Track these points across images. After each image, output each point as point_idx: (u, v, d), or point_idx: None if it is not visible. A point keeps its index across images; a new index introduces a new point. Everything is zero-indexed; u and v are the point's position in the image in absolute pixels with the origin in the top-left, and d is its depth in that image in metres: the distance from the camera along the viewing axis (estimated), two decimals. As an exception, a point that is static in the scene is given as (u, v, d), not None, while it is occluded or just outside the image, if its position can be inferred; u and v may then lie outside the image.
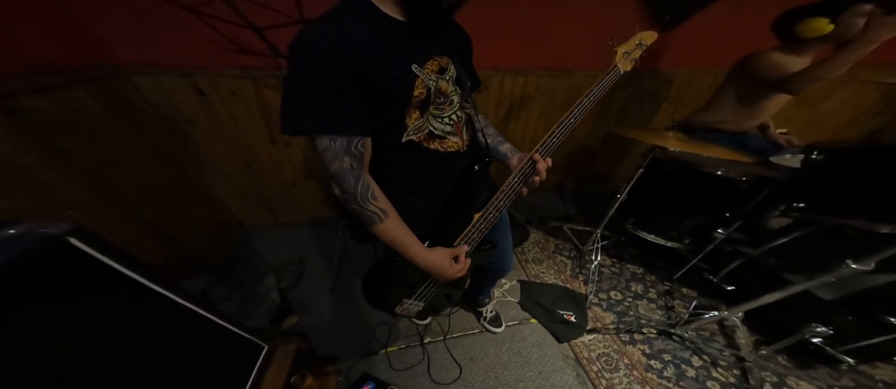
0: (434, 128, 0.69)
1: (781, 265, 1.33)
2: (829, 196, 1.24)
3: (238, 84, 1.41)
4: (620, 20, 1.65)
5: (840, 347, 1.21)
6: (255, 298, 1.39)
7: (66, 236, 0.45)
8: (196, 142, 1.51)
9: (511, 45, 1.63)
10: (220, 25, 1.22)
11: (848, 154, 1.23)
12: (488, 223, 0.79)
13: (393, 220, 0.68)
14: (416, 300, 0.95)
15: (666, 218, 1.60)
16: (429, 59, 0.63)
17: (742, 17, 1.73)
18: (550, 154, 0.75)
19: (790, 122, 2.35)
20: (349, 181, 0.61)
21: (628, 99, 2.03)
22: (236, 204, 1.80)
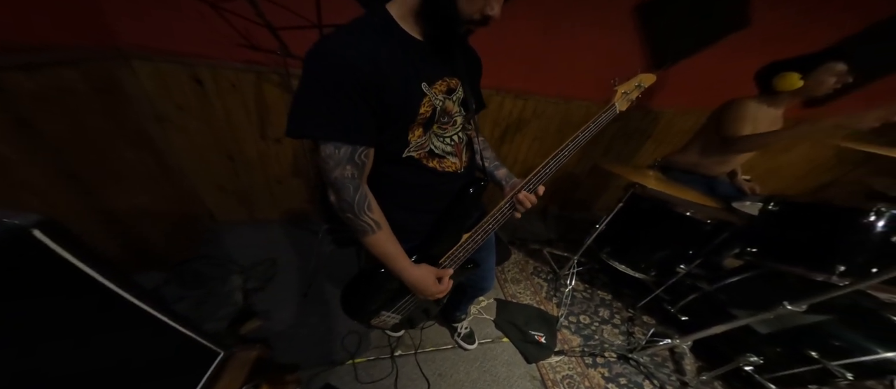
0: (435, 146, 0.70)
1: (729, 300, 1.45)
2: (778, 244, 1.35)
3: (239, 77, 1.38)
4: (622, 57, 1.72)
5: (767, 375, 1.34)
6: (215, 299, 1.31)
7: (30, 228, 0.42)
8: (181, 130, 1.45)
9: (516, 68, 1.67)
10: (234, 20, 1.21)
11: (799, 208, 1.34)
12: (476, 244, 0.81)
13: (385, 233, 0.68)
14: (394, 313, 0.95)
15: (637, 251, 1.69)
16: (439, 79, 0.65)
17: (731, 63, 1.83)
18: (543, 183, 0.78)
19: (753, 170, 2.54)
20: (348, 190, 0.62)
21: (616, 133, 2.12)
22: (211, 196, 1.73)
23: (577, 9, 1.53)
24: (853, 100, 2.10)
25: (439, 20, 0.58)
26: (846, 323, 1.24)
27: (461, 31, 0.59)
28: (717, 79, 1.88)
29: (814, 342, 1.26)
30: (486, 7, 0.55)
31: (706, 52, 1.80)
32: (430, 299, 0.80)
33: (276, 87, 1.44)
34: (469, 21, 0.56)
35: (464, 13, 0.55)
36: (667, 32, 1.69)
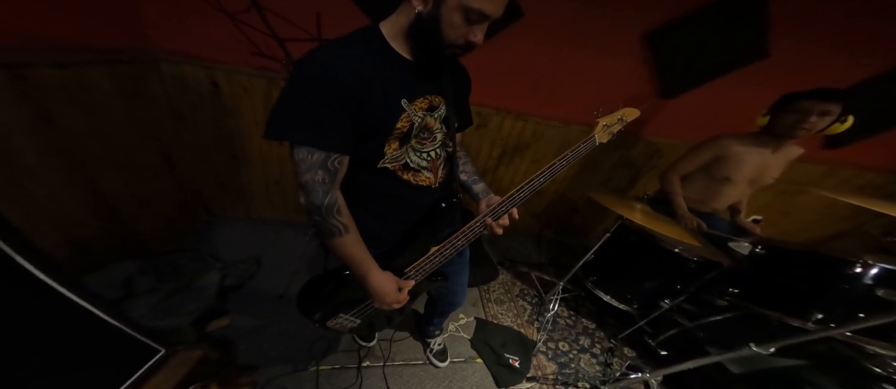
0: (411, 160, 0.72)
1: (707, 339, 1.43)
2: (762, 287, 1.33)
3: (252, 82, 1.47)
4: (629, 85, 1.69)
5: None
6: (188, 292, 1.29)
7: None
8: (191, 127, 1.54)
9: (518, 89, 1.67)
10: (249, 31, 1.30)
11: (786, 254, 1.31)
12: (443, 257, 0.82)
13: (352, 237, 0.70)
14: (353, 316, 0.96)
15: (623, 282, 1.68)
16: (420, 97, 0.67)
17: (740, 94, 1.76)
18: (516, 206, 0.77)
19: (765, 209, 2.42)
20: (317, 193, 0.64)
21: (617, 162, 2.07)
22: (210, 192, 1.81)
23: (586, 35, 1.51)
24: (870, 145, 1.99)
25: (425, 44, 0.61)
26: (821, 369, 1.21)
27: (446, 54, 0.61)
28: (720, 112, 1.82)
29: (786, 386, 1.24)
30: (469, 34, 0.58)
31: (731, 83, 1.73)
32: (386, 307, 0.82)
33: None
34: (453, 45, 0.59)
35: (448, 39, 0.58)
36: (675, 62, 1.64)
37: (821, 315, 1.10)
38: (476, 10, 0.53)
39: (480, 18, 0.55)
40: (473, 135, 1.82)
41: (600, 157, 2.05)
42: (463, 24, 0.56)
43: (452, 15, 0.55)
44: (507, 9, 0.58)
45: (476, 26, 0.57)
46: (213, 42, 1.34)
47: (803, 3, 1.48)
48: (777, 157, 1.43)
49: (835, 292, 1.14)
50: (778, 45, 1.59)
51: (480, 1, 0.52)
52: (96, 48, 1.11)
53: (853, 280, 1.11)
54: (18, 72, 0.89)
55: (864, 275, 1.09)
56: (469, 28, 0.56)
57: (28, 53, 0.91)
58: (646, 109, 0.88)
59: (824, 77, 1.67)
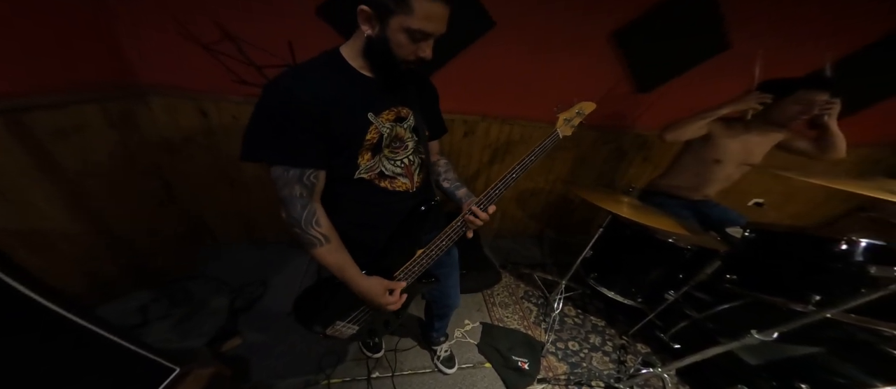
0: (385, 168, 0.77)
1: (717, 329, 1.40)
2: (757, 271, 1.31)
3: (240, 109, 1.53)
4: (602, 81, 1.74)
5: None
6: (201, 316, 1.36)
7: None
8: (188, 159, 1.60)
9: (501, 95, 1.73)
10: (228, 60, 1.36)
11: (776, 236, 1.30)
12: (430, 259, 0.86)
13: (333, 246, 0.74)
14: (350, 323, 0.98)
15: (623, 276, 1.66)
16: (386, 109, 0.72)
17: (716, 84, 1.79)
18: (494, 203, 0.81)
19: (768, 194, 2.41)
20: (296, 207, 0.68)
21: (608, 156, 2.11)
22: (214, 220, 1.87)
23: (559, 38, 1.57)
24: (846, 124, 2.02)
25: (380, 62, 0.66)
26: (841, 356, 1.18)
27: (402, 69, 0.66)
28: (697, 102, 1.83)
29: (806, 375, 1.21)
30: (417, 51, 0.63)
31: (691, 75, 1.77)
32: (381, 310, 0.84)
33: None
34: (406, 61, 0.64)
35: (399, 56, 0.63)
36: (644, 58, 1.69)
37: (819, 297, 1.08)
38: (416, 29, 0.58)
39: (423, 37, 0.60)
40: (462, 142, 1.88)
41: (591, 154, 2.09)
42: (409, 43, 0.61)
43: (397, 35, 0.60)
44: (478, 18, 0.64)
45: (421, 43, 0.62)
46: (197, 73, 1.38)
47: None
48: (762, 140, 1.46)
49: (830, 273, 1.13)
50: (737, 37, 1.64)
51: (419, 21, 0.57)
52: (84, 86, 1.16)
53: (844, 259, 1.09)
54: (15, 117, 0.94)
55: (853, 254, 1.08)
56: (415, 45, 0.62)
57: (19, 98, 0.96)
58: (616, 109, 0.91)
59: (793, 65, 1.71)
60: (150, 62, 1.33)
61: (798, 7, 1.58)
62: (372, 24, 0.61)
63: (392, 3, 0.57)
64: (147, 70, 1.35)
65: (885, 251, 1.03)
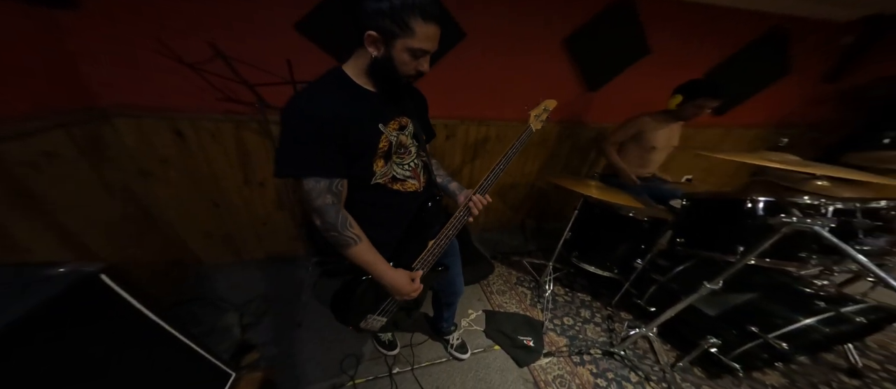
0: (397, 173, 0.86)
1: (679, 288, 1.61)
2: (696, 233, 1.55)
3: (219, 127, 1.50)
4: (561, 82, 2.02)
5: (729, 355, 1.44)
6: (214, 335, 1.36)
7: (98, 273, 0.61)
8: (165, 182, 1.52)
9: (475, 99, 1.91)
10: (211, 77, 1.35)
11: (701, 202, 1.56)
12: (440, 248, 0.94)
13: (365, 244, 0.82)
14: (379, 315, 1.05)
15: (599, 252, 1.86)
16: (392, 119, 0.80)
17: (647, 82, 2.17)
18: (487, 192, 0.93)
19: (693, 169, 2.88)
20: (330, 213, 0.75)
21: (571, 148, 2.39)
22: (198, 242, 1.76)
23: (523, 44, 1.81)
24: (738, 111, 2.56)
25: (385, 78, 0.75)
26: (770, 298, 1.41)
27: (403, 83, 0.75)
28: (636, 97, 2.21)
29: (752, 319, 1.39)
30: (417, 66, 0.72)
31: (627, 74, 2.13)
32: (407, 298, 0.92)
33: (255, 134, 1.57)
34: (407, 76, 0.73)
35: (401, 72, 0.72)
36: (590, 61, 2.01)
37: (742, 247, 1.25)
38: (418, 48, 0.68)
39: (423, 54, 0.70)
40: (445, 144, 2.02)
41: (557, 147, 2.36)
42: (411, 60, 0.70)
43: (401, 55, 0.68)
44: (450, 31, 0.77)
45: (421, 59, 0.71)
46: (169, 92, 1.35)
47: (662, 8, 1.92)
48: (675, 128, 1.86)
49: (745, 227, 1.33)
50: (654, 43, 2.03)
51: (420, 42, 0.67)
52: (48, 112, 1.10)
53: (751, 214, 1.31)
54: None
55: (756, 210, 1.32)
56: (416, 61, 0.71)
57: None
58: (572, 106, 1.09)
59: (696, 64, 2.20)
60: (115, 82, 1.28)
61: (693, 18, 2.02)
62: (378, 46, 0.68)
63: (397, 28, 0.65)
64: (112, 91, 1.29)
65: (775, 205, 1.30)
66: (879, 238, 1.29)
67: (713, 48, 2.19)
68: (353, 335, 1.56)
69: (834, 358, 1.59)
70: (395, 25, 0.65)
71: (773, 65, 2.40)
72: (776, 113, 2.71)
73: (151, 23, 1.23)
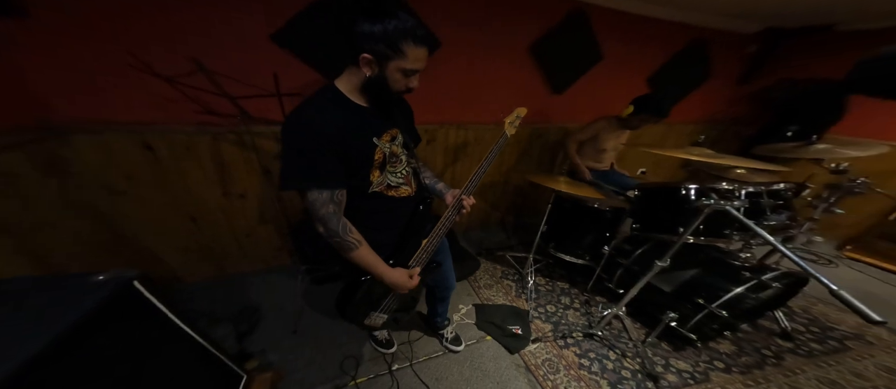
0: (391, 181, 0.92)
1: (640, 270, 1.74)
2: (649, 218, 1.75)
3: (193, 140, 1.46)
4: (529, 86, 2.22)
5: (686, 327, 1.57)
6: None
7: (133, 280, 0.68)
8: (135, 198, 1.45)
9: (453, 104, 2.03)
10: (185, 88, 1.32)
11: (649, 190, 1.78)
12: (433, 246, 1.02)
13: (366, 248, 0.88)
14: (381, 312, 1.11)
15: (572, 241, 2.02)
16: (384, 132, 0.86)
17: (610, 84, 2.44)
18: (473, 192, 1.02)
19: (646, 163, 3.22)
20: (333, 221, 0.81)
21: (542, 148, 2.59)
22: (175, 258, 1.67)
23: (492, 51, 1.96)
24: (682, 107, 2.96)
25: (378, 95, 0.81)
26: (710, 272, 1.59)
27: (394, 99, 0.83)
28: (596, 100, 2.49)
29: (699, 292, 1.54)
30: (408, 83, 0.79)
31: (587, 78, 2.37)
32: (406, 293, 0.99)
33: (233, 146, 1.55)
34: (398, 92, 0.80)
35: (393, 89, 0.78)
36: (553, 67, 2.23)
37: (682, 228, 1.34)
38: (409, 68, 0.74)
39: (413, 73, 0.77)
40: (427, 149, 2.12)
41: (529, 147, 2.55)
42: (402, 79, 0.76)
43: (394, 74, 0.74)
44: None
45: (412, 77, 0.78)
46: (135, 105, 1.31)
47: (609, 18, 2.19)
48: (622, 134, 2.14)
49: (683, 211, 1.53)
50: (606, 49, 2.31)
51: (412, 63, 0.73)
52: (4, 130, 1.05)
53: (687, 199, 1.52)
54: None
55: (689, 195, 1.53)
56: (407, 79, 0.77)
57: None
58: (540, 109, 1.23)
59: (641, 69, 2.53)
60: (73, 96, 1.22)
61: (634, 27, 2.31)
62: (372, 67, 0.74)
63: (390, 52, 0.70)
64: (70, 105, 1.22)
65: (701, 191, 1.53)
66: (782, 214, 1.57)
67: (653, 55, 2.53)
68: (350, 338, 1.57)
69: (769, 324, 1.83)
70: (389, 49, 0.70)
71: (699, 70, 2.81)
72: (706, 111, 3.14)
73: (115, 34, 1.19)
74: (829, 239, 2.67)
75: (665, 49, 2.55)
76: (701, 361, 1.60)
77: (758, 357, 1.63)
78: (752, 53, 2.87)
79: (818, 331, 1.82)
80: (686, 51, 2.61)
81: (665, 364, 1.58)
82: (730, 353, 1.64)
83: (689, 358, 1.61)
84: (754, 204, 1.54)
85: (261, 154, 1.60)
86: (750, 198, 1.53)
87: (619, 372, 1.53)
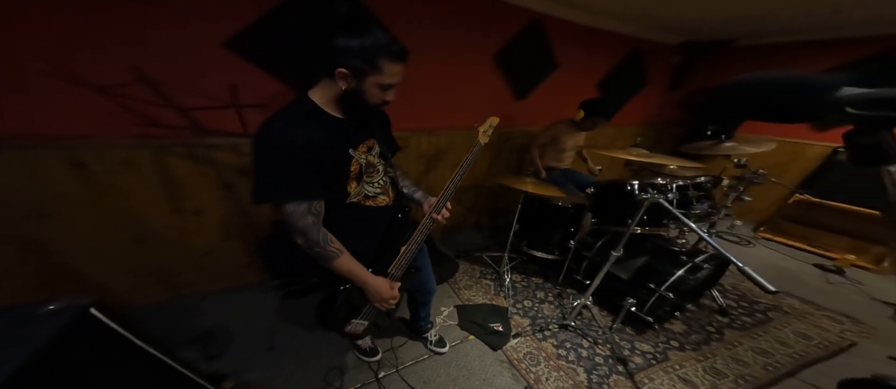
0: (368, 191, 0.92)
1: (601, 260, 1.85)
2: (605, 212, 1.95)
3: (133, 154, 1.33)
4: (495, 93, 2.33)
5: (643, 311, 1.68)
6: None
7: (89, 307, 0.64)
8: (65, 221, 1.28)
9: (425, 111, 2.07)
10: (122, 99, 1.22)
11: (603, 187, 1.99)
12: (412, 253, 1.03)
13: (347, 256, 0.87)
14: (361, 319, 1.09)
15: (542, 238, 2.14)
16: (360, 144, 0.86)
17: (566, 90, 2.65)
18: (449, 201, 1.01)
19: (602, 161, 3.51)
20: (312, 232, 0.80)
21: (510, 151, 2.72)
22: (122, 283, 1.48)
23: (460, 58, 2.05)
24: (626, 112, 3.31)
25: (354, 108, 0.81)
26: (657, 258, 1.77)
27: (371, 111, 0.83)
28: (556, 104, 2.69)
29: (650, 277, 1.68)
30: (385, 96, 0.79)
31: (547, 84, 2.56)
32: (388, 302, 0.99)
33: (183, 160, 1.44)
34: (374, 105, 0.80)
35: (370, 103, 0.79)
36: (515, 74, 2.38)
37: (629, 220, 1.47)
38: (386, 83, 0.75)
39: (390, 87, 0.78)
40: (399, 156, 2.09)
41: (500, 151, 2.67)
42: (379, 93, 0.77)
43: (371, 88, 0.75)
44: None
45: (388, 91, 0.78)
46: (59, 118, 1.18)
47: (562, 29, 2.40)
48: (578, 136, 2.33)
49: (629, 204, 1.68)
50: (561, 58, 2.52)
51: (389, 77, 0.74)
52: None
53: (632, 193, 1.72)
54: None
55: (634, 189, 1.72)
56: (384, 93, 0.78)
57: None
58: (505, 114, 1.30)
59: (592, 76, 2.78)
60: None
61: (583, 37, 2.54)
62: (348, 81, 0.74)
63: (367, 67, 0.71)
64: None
65: (644, 185, 1.73)
66: (704, 203, 1.84)
67: (600, 63, 2.81)
68: (332, 349, 1.51)
69: (710, 303, 2.05)
70: (365, 64, 0.71)
71: (638, 77, 3.17)
72: (646, 114, 3.54)
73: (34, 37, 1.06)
74: (747, 223, 3.12)
75: (610, 58, 2.84)
76: (660, 342, 1.74)
77: (704, 334, 1.80)
78: (677, 63, 3.31)
79: (747, 306, 2.07)
80: (627, 59, 2.94)
81: (631, 347, 1.69)
82: (682, 332, 1.80)
83: (649, 340, 1.74)
84: (683, 195, 1.77)
85: (219, 167, 1.50)
86: (679, 191, 1.76)
87: (592, 359, 1.62)
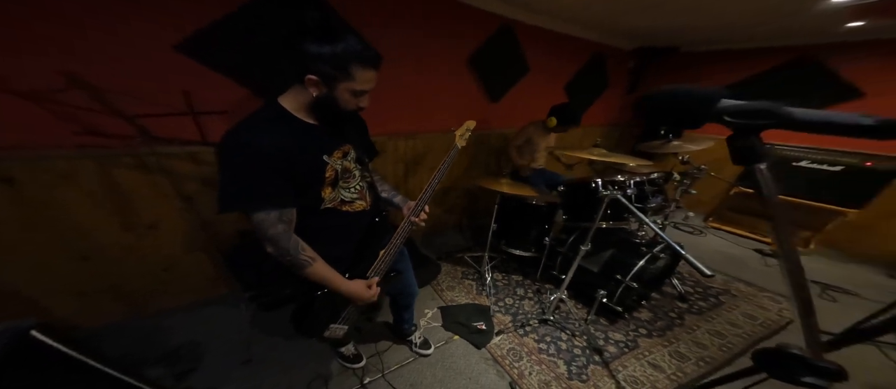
0: (344, 196, 0.91)
1: (574, 255, 1.77)
2: (574, 209, 2.06)
3: (73, 165, 1.22)
4: (470, 96, 2.38)
5: (613, 301, 1.76)
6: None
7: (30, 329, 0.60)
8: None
9: (401, 114, 2.07)
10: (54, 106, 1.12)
11: (570, 185, 2.10)
12: (391, 257, 1.03)
13: (320, 264, 0.86)
14: (341, 323, 1.07)
15: (519, 236, 2.20)
16: (335, 149, 0.85)
17: (537, 92, 2.77)
18: (427, 204, 1.02)
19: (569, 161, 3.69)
20: (283, 240, 0.78)
21: (487, 152, 2.79)
22: (68, 305, 1.33)
23: (434, 62, 2.07)
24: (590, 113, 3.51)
25: (327, 115, 0.80)
26: (622, 250, 1.86)
27: (344, 117, 0.81)
28: (530, 106, 2.80)
29: (618, 269, 1.76)
30: (358, 103, 0.79)
31: (519, 87, 2.65)
32: (366, 303, 0.98)
33: (132, 171, 1.34)
34: (348, 111, 0.80)
35: (344, 109, 0.78)
36: (488, 77, 2.45)
37: (595, 215, 1.53)
38: (359, 90, 0.74)
39: (363, 93, 0.77)
40: (378, 160, 2.09)
41: (477, 153, 2.73)
42: (352, 99, 0.76)
43: (343, 95, 0.74)
44: None
45: (361, 97, 0.78)
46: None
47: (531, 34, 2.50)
48: (549, 138, 2.43)
49: (594, 200, 1.67)
50: (531, 60, 2.62)
51: (362, 84, 0.74)
52: None
53: (595, 190, 1.83)
54: None
55: (597, 187, 1.85)
56: (357, 99, 0.77)
57: None
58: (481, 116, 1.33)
59: (560, 79, 2.93)
60: None
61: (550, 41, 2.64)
62: (319, 88, 0.72)
63: (339, 74, 0.70)
64: None
65: (607, 182, 1.85)
66: (658, 197, 2.01)
67: (567, 67, 2.97)
68: (314, 358, 1.45)
69: (671, 291, 2.20)
70: (337, 71, 0.70)
71: (600, 80, 3.38)
72: (609, 115, 3.78)
73: None
74: (699, 214, 3.43)
75: (575, 62, 3.01)
76: (630, 330, 1.84)
77: (668, 320, 1.93)
78: (633, 67, 3.58)
79: (702, 291, 2.26)
80: (590, 63, 3.12)
81: (605, 337, 1.77)
82: (648, 320, 1.91)
83: (621, 329, 1.82)
84: (640, 191, 1.92)
85: (177, 178, 1.40)
86: (637, 187, 1.92)
87: (571, 351, 1.68)
